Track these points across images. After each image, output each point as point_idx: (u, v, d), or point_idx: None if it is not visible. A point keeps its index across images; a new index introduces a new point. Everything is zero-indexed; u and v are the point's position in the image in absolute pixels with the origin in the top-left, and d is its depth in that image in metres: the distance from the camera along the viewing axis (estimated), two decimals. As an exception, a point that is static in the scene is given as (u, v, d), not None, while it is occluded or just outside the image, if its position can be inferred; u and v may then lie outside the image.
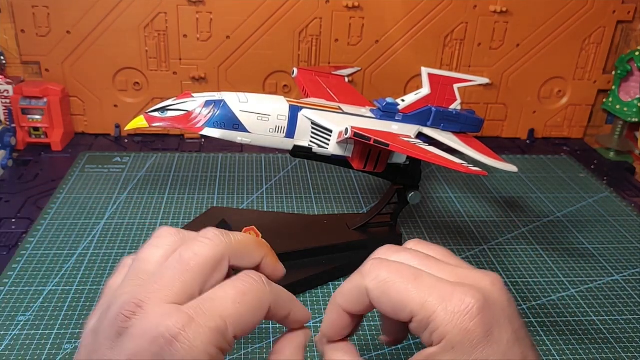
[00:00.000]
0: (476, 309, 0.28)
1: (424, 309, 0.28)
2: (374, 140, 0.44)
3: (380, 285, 0.30)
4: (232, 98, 0.47)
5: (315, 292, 0.53)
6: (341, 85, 0.60)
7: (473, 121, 0.56)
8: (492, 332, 0.28)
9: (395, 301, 0.29)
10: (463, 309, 0.28)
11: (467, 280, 0.30)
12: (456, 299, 0.28)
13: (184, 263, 0.28)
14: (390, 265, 0.30)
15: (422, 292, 0.29)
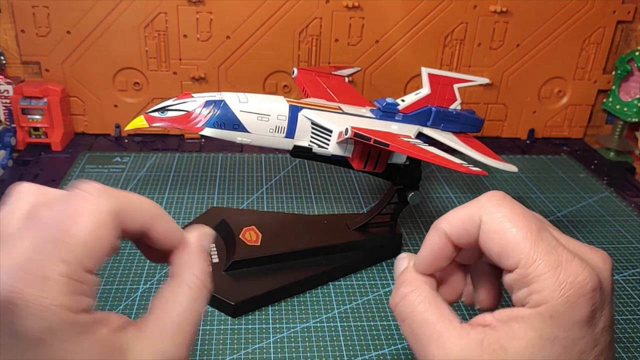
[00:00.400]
0: (590, 287, 0.26)
1: (534, 265, 0.26)
2: (374, 140, 0.44)
3: (499, 221, 0.28)
4: (232, 98, 0.47)
5: (315, 292, 0.53)
6: (341, 85, 0.60)
7: (473, 121, 0.56)
8: (594, 314, 0.27)
9: (507, 244, 0.27)
10: (577, 282, 0.26)
11: (581, 253, 0.28)
12: (572, 270, 0.26)
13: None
14: (515, 205, 0.28)
15: (540, 247, 0.27)
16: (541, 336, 0.26)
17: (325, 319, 0.50)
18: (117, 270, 0.54)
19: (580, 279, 0.26)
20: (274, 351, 0.46)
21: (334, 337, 0.48)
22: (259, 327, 0.48)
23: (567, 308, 0.26)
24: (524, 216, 0.28)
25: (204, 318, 0.49)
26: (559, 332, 0.26)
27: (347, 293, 0.53)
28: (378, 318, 0.50)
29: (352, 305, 0.52)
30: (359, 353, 0.46)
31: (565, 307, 0.26)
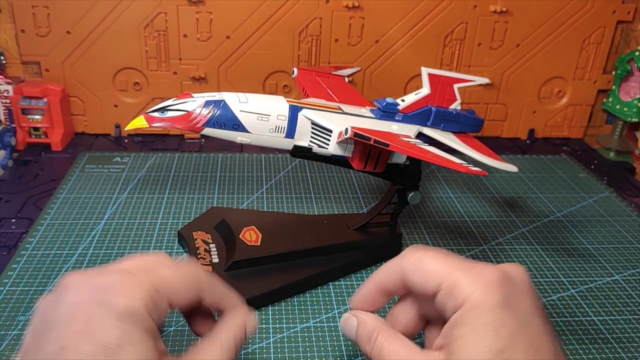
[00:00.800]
0: (496, 277, 0.32)
1: (449, 278, 0.32)
2: (374, 140, 0.44)
3: (415, 261, 0.34)
4: (232, 98, 0.47)
5: (315, 292, 0.53)
6: (341, 85, 0.60)
7: (473, 121, 0.56)
8: (511, 299, 0.31)
9: (426, 274, 0.33)
10: (484, 275, 0.32)
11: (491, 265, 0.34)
12: (479, 269, 0.32)
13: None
14: (426, 249, 0.35)
15: (452, 265, 0.33)
16: (473, 327, 0.30)
17: (325, 319, 0.50)
18: (117, 270, 0.54)
19: (486, 273, 0.32)
20: (274, 351, 0.46)
21: (334, 337, 0.48)
22: (259, 327, 0.48)
23: (484, 296, 0.31)
24: (434, 253, 0.34)
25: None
26: (484, 317, 0.30)
27: (347, 293, 0.53)
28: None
29: (352, 305, 0.52)
30: (359, 353, 0.46)
31: (483, 296, 0.31)
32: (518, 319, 0.31)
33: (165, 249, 0.58)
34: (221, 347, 0.33)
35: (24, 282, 0.52)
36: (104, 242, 0.59)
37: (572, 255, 0.61)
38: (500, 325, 0.30)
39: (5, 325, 0.47)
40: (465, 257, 0.35)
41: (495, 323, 0.30)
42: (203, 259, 0.53)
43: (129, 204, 0.66)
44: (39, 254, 0.56)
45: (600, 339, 0.49)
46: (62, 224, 0.61)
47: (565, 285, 0.56)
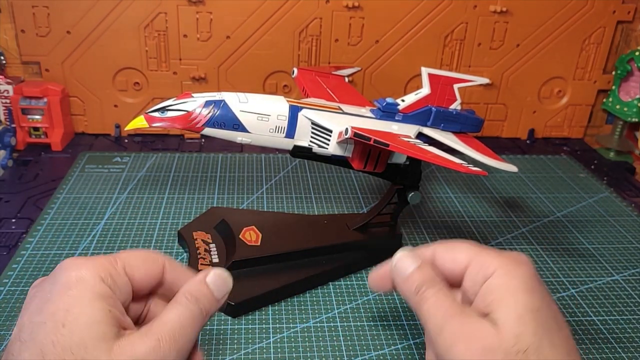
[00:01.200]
0: (520, 256, 0.35)
1: (478, 257, 0.34)
2: (374, 140, 0.44)
3: (447, 247, 0.37)
4: (232, 98, 0.47)
5: (315, 292, 0.53)
6: (341, 85, 0.60)
7: (473, 121, 0.56)
8: (536, 278, 0.33)
9: (455, 255, 0.36)
10: (508, 255, 0.34)
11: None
12: (501, 252, 0.35)
13: None
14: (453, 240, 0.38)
15: (476, 248, 0.36)
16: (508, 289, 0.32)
17: (325, 319, 0.50)
18: (117, 270, 0.54)
19: (510, 253, 0.35)
20: (274, 351, 0.46)
21: (334, 337, 0.48)
22: (259, 327, 0.48)
23: (511, 266, 0.33)
24: (462, 241, 0.37)
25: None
26: (518, 281, 0.32)
27: (347, 293, 0.53)
28: (378, 318, 0.50)
29: (352, 305, 0.52)
30: (359, 353, 0.46)
31: (510, 265, 0.33)
32: (543, 290, 0.33)
33: (165, 249, 0.58)
34: (179, 305, 0.32)
35: (24, 282, 0.52)
36: (104, 242, 0.59)
37: (572, 255, 0.61)
38: (531, 287, 0.32)
39: (5, 325, 0.47)
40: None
41: (528, 285, 0.32)
42: (203, 259, 0.53)
43: (129, 204, 0.66)
44: (39, 254, 0.56)
45: (600, 339, 0.49)
46: (62, 224, 0.61)
47: (565, 285, 0.56)
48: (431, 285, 0.35)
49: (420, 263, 0.36)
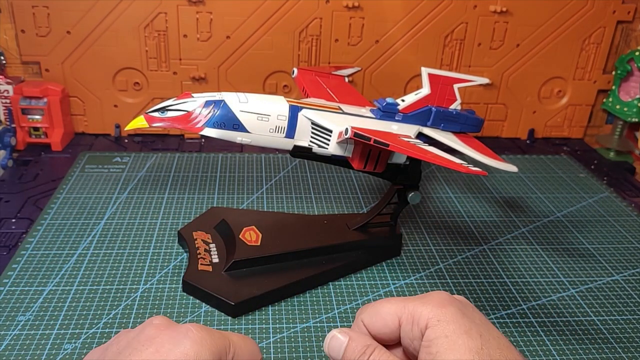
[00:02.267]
0: (445, 296, 0.34)
1: (406, 311, 0.34)
2: (374, 140, 0.44)
3: (370, 312, 0.36)
4: (232, 98, 0.47)
5: (315, 292, 0.53)
6: (341, 85, 0.60)
7: (473, 121, 0.56)
8: (465, 311, 0.33)
9: (383, 317, 0.35)
10: (434, 297, 0.34)
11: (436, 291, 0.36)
12: (427, 296, 0.34)
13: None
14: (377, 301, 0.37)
15: (401, 302, 0.35)
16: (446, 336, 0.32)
17: (325, 319, 0.50)
18: (117, 270, 0.54)
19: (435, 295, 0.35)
20: (274, 351, 0.46)
21: (334, 337, 0.47)
22: (259, 327, 0.48)
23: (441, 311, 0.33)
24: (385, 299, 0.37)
25: (204, 318, 0.49)
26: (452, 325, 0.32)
27: (347, 293, 0.53)
28: (378, 318, 0.50)
29: (352, 305, 0.52)
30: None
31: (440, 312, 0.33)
32: (478, 324, 0.33)
33: (165, 249, 0.58)
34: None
35: (24, 282, 0.52)
36: (104, 242, 0.59)
37: (572, 255, 0.61)
38: (468, 328, 0.32)
39: (5, 326, 0.47)
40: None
41: (464, 327, 0.32)
42: (203, 259, 0.53)
43: (129, 204, 0.66)
44: (39, 254, 0.56)
45: (600, 339, 0.49)
46: (62, 224, 0.61)
47: (565, 285, 0.56)
48: (368, 352, 0.35)
49: (350, 335, 0.36)
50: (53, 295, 0.51)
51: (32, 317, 0.48)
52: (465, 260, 0.59)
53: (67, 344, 0.45)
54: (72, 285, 0.52)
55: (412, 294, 0.53)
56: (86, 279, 0.53)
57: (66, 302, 0.50)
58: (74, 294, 0.51)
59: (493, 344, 0.32)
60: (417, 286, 0.54)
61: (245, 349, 0.35)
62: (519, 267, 0.58)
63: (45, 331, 0.47)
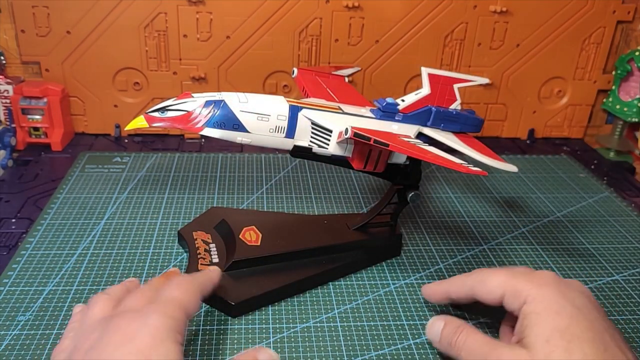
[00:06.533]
0: (550, 277, 0.38)
1: (510, 285, 0.39)
2: (374, 140, 0.44)
3: (480, 280, 0.42)
4: (232, 98, 0.47)
5: (315, 292, 0.53)
6: (341, 85, 0.60)
7: (473, 121, 0.56)
8: (567, 293, 0.37)
9: (490, 287, 0.41)
10: (540, 277, 0.39)
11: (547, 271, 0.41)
12: (535, 274, 0.40)
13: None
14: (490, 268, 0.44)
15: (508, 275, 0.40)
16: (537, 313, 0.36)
17: (325, 319, 0.50)
18: (117, 270, 0.54)
19: (543, 274, 0.40)
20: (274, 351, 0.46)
21: (334, 337, 0.48)
22: (259, 327, 0.48)
23: (540, 290, 0.37)
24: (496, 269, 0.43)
25: (204, 318, 0.49)
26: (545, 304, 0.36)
27: (347, 293, 0.53)
28: (378, 318, 0.50)
29: (352, 305, 0.52)
30: (359, 353, 0.46)
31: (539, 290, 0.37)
32: (575, 307, 0.35)
33: (165, 249, 0.58)
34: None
35: (24, 282, 0.52)
36: (104, 242, 0.59)
37: (572, 255, 0.61)
38: (557, 308, 0.35)
39: (5, 325, 0.47)
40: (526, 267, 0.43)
41: (556, 307, 0.35)
42: (203, 259, 0.53)
43: (129, 204, 0.66)
44: (39, 254, 0.56)
45: (600, 339, 0.49)
46: (62, 224, 0.61)
47: (565, 285, 0.56)
48: (460, 333, 0.40)
49: (445, 321, 0.43)
50: (53, 295, 0.51)
51: (32, 317, 0.48)
52: (465, 260, 0.59)
53: (67, 344, 0.45)
54: (72, 285, 0.52)
55: (412, 294, 0.53)
56: (86, 279, 0.53)
57: (66, 302, 0.50)
58: (74, 294, 0.51)
59: (582, 326, 0.34)
60: (417, 286, 0.54)
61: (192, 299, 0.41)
62: (519, 267, 0.58)
63: (45, 331, 0.47)
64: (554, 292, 0.36)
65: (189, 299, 0.40)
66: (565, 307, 0.35)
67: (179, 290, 0.40)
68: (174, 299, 0.39)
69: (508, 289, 0.39)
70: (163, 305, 0.38)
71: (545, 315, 0.35)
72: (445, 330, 0.42)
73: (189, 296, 0.40)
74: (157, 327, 0.35)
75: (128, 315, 0.37)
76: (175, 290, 0.40)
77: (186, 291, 0.40)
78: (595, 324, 0.35)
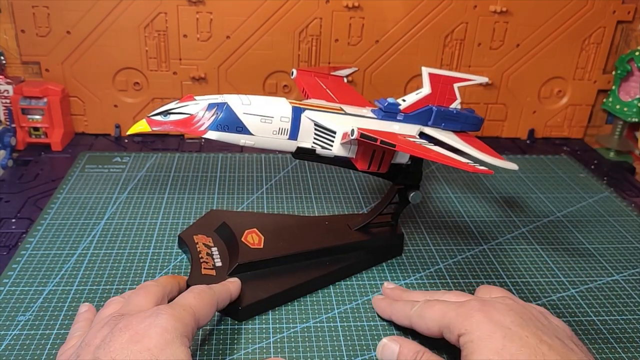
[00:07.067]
0: (476, 305, 0.40)
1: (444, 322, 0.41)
2: (381, 141, 0.44)
3: (418, 315, 0.44)
4: (235, 100, 0.46)
5: (315, 292, 0.53)
6: (340, 85, 0.60)
7: (473, 120, 0.56)
8: (492, 316, 0.39)
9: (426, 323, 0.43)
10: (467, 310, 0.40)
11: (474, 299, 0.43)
12: (462, 307, 0.41)
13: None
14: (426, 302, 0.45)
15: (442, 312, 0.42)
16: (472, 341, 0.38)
17: (325, 319, 0.50)
18: (117, 270, 0.54)
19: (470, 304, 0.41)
20: (274, 351, 0.46)
21: (334, 337, 0.48)
22: (259, 327, 0.48)
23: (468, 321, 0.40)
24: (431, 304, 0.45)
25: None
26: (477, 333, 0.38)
27: (347, 293, 0.53)
28: (378, 318, 0.50)
29: (352, 305, 0.52)
30: (359, 353, 0.46)
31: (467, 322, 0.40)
32: (505, 327, 0.38)
33: (165, 249, 0.58)
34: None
35: (24, 282, 0.52)
36: (104, 242, 0.59)
37: (572, 255, 0.61)
38: (491, 332, 0.38)
39: (5, 325, 0.47)
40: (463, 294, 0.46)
41: (487, 332, 0.38)
42: (206, 262, 0.52)
43: (129, 204, 0.66)
44: (39, 254, 0.56)
45: (600, 339, 0.49)
46: (62, 224, 0.61)
47: (565, 285, 0.56)
48: (419, 356, 0.41)
49: (400, 343, 0.43)
50: (53, 295, 0.51)
51: (32, 317, 0.48)
52: (465, 260, 0.59)
53: (67, 344, 0.45)
54: (72, 285, 0.52)
55: (412, 294, 0.53)
56: (86, 279, 0.53)
57: (66, 302, 0.50)
58: (74, 294, 0.51)
59: (517, 344, 0.36)
60: (417, 286, 0.54)
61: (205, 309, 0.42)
62: (519, 267, 0.58)
63: (45, 331, 0.47)
64: (482, 320, 0.38)
65: (202, 308, 0.41)
66: (495, 330, 0.37)
67: (195, 300, 0.41)
68: (189, 305, 0.40)
69: (443, 325, 0.41)
70: (176, 309, 0.38)
71: (479, 342, 0.37)
72: (402, 355, 0.43)
73: (204, 306, 0.41)
74: (167, 328, 0.36)
75: (139, 315, 0.37)
76: (192, 298, 0.41)
77: (201, 300, 0.41)
78: (530, 339, 0.37)
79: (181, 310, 0.39)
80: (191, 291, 0.42)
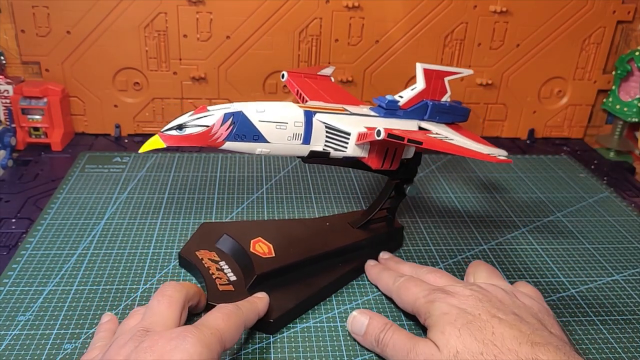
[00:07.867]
0: (440, 292, 0.45)
1: (415, 307, 0.46)
2: (408, 139, 0.44)
3: (397, 292, 0.49)
4: (250, 108, 0.45)
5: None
6: (330, 86, 0.59)
7: (462, 111, 0.58)
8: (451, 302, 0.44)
9: (402, 303, 0.48)
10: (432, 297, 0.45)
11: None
12: (434, 294, 0.46)
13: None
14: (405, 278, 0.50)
15: (414, 296, 0.47)
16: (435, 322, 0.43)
17: (325, 319, 0.50)
18: (117, 270, 0.54)
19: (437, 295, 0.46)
20: (274, 351, 0.46)
21: (334, 337, 0.48)
22: (259, 327, 0.48)
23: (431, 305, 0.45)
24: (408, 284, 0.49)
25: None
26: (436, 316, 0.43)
27: (347, 293, 0.53)
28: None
29: (352, 305, 0.52)
30: (359, 353, 0.46)
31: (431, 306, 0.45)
32: (460, 309, 0.42)
33: (165, 249, 0.58)
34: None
35: (24, 282, 0.52)
36: (104, 242, 0.59)
37: (572, 255, 0.61)
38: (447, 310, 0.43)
39: (5, 325, 0.47)
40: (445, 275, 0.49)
41: (444, 311, 0.43)
42: (220, 279, 0.50)
43: (129, 204, 0.66)
44: (39, 254, 0.56)
45: (600, 339, 0.49)
46: (62, 224, 0.61)
47: (565, 285, 0.56)
48: (385, 330, 0.44)
49: (370, 316, 0.46)
50: (53, 295, 0.51)
51: (32, 317, 0.48)
52: (466, 260, 0.59)
53: (67, 344, 0.45)
54: (72, 285, 0.52)
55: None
56: (86, 279, 0.53)
57: (66, 302, 0.50)
58: (74, 294, 0.51)
59: (466, 318, 0.41)
60: (417, 286, 0.54)
61: (233, 333, 0.41)
62: (519, 267, 0.58)
63: (45, 331, 0.47)
64: (441, 305, 0.43)
65: (229, 330, 0.40)
66: (452, 309, 0.42)
67: (223, 322, 0.40)
68: (216, 328, 0.39)
69: (414, 309, 0.46)
70: (203, 332, 0.37)
71: (437, 318, 0.42)
72: (370, 327, 0.45)
73: (231, 329, 0.40)
74: (192, 353, 0.36)
75: (165, 335, 0.37)
76: (221, 320, 0.40)
77: (229, 322, 0.40)
78: (482, 315, 0.41)
79: (208, 334, 0.38)
80: (219, 311, 0.41)
